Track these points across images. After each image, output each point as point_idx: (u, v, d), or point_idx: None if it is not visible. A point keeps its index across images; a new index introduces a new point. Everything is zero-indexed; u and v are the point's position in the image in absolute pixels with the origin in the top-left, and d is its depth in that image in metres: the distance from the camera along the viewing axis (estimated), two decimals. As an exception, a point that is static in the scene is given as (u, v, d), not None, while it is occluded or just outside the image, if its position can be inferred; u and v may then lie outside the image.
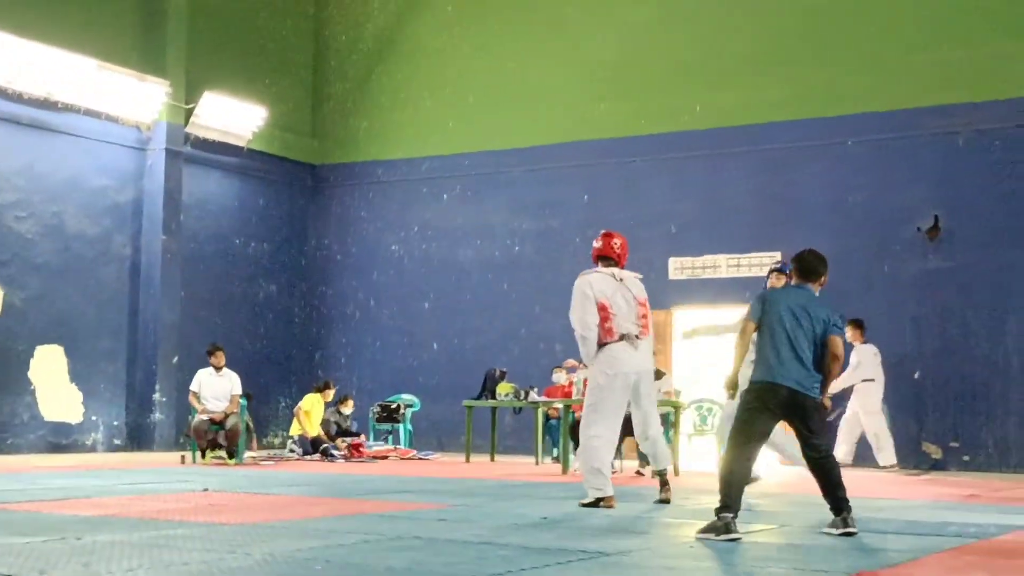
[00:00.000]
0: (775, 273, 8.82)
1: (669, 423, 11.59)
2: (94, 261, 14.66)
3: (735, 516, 5.51)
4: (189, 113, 15.49)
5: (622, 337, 7.20)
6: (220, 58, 16.31)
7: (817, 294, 6.03)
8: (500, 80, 16.31)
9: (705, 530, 5.48)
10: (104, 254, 14.81)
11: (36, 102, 13.89)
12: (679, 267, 14.72)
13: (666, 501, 7.40)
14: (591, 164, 15.57)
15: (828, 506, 5.81)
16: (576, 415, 12.02)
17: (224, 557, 4.46)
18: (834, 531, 5.66)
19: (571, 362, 13.56)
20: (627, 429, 11.42)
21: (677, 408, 11.75)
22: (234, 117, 16.02)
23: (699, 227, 14.66)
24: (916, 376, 13.33)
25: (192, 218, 15.78)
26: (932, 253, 13.41)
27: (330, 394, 13.90)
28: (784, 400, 5.74)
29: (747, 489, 6.44)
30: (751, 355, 6.14)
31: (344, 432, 14.00)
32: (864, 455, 12.87)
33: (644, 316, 7.37)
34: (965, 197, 13.30)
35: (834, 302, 15.06)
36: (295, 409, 14.00)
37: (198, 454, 12.28)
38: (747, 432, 5.79)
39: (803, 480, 10.75)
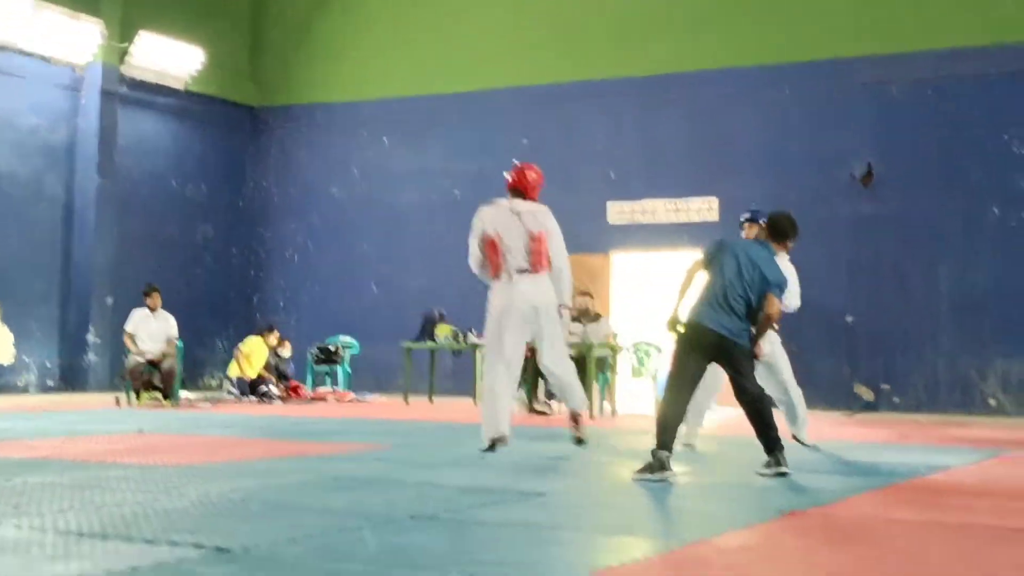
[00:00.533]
0: (748, 223, 8.48)
1: (608, 366, 11.70)
2: (26, 202, 14.34)
3: (670, 455, 5.55)
4: (124, 53, 15.11)
5: (512, 273, 6.88)
6: (157, -4, 15.89)
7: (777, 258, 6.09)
8: (441, 24, 16.12)
9: (641, 470, 5.51)
10: (37, 194, 14.49)
11: (-38, 37, 13.46)
12: (618, 212, 14.76)
13: (580, 441, 7.12)
14: (530, 109, 15.51)
15: (762, 447, 5.86)
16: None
17: (159, 498, 4.42)
18: (767, 471, 5.71)
19: None
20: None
21: (615, 351, 11.85)
22: (171, 58, 15.64)
23: (637, 172, 14.71)
24: (849, 320, 13.58)
25: (128, 159, 15.47)
26: (866, 199, 13.60)
27: (273, 337, 13.81)
28: (712, 343, 5.78)
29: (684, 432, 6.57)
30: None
31: (281, 375, 13.95)
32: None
33: (537, 251, 6.91)
34: (898, 145, 13.49)
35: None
36: (235, 350, 13.89)
37: (133, 396, 12.15)
38: (680, 373, 5.84)
39: (739, 423, 10.96)
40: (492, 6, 15.78)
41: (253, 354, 13.55)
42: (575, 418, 7.16)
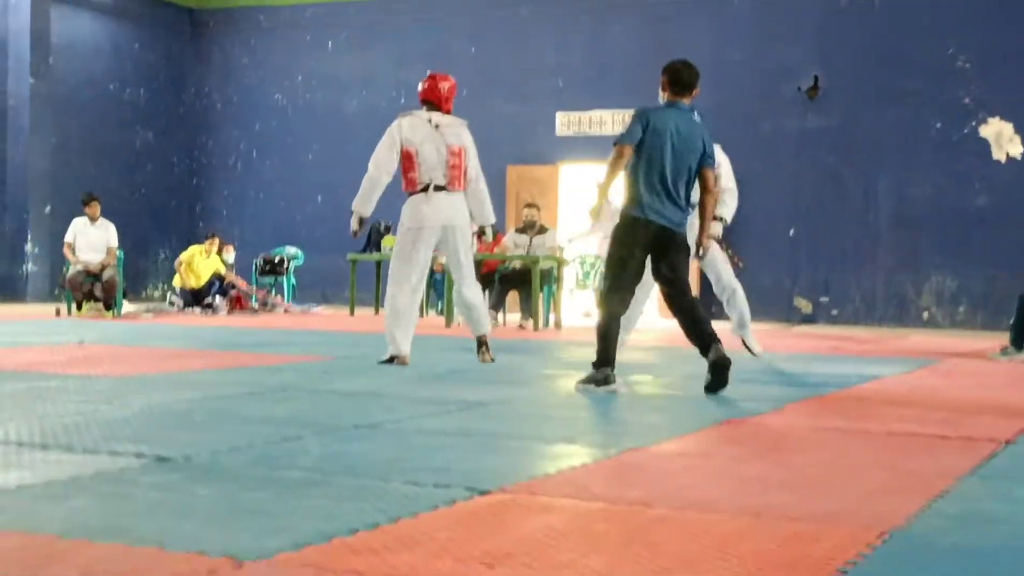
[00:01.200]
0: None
1: (553, 278, 11.78)
2: (-45, 105, 13.95)
3: (612, 370, 5.41)
4: (55, -53, 14.60)
5: (427, 187, 6.63)
6: None
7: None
8: (387, -77, 15.75)
9: (585, 381, 5.43)
10: (-35, 97, 14.09)
11: None
12: (566, 122, 14.71)
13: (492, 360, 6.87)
14: (477, 15, 15.30)
15: (698, 350, 5.45)
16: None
17: (100, 408, 4.42)
18: (713, 358, 5.29)
19: None
20: (509, 283, 11.66)
21: (560, 263, 11.92)
22: (104, -47, 15.16)
23: (585, 82, 14.63)
24: (791, 233, 13.76)
25: (62, 61, 15.05)
26: (811, 112, 13.68)
27: (213, 246, 13.65)
28: (652, 236, 5.35)
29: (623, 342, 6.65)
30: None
31: (223, 282, 13.80)
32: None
33: (455, 166, 6.69)
34: (844, 57, 13.54)
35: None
36: (176, 261, 13.74)
37: (74, 306, 12.02)
38: (619, 275, 5.42)
39: (676, 334, 11.13)
40: (439, -92, 15.44)
41: (194, 263, 13.41)
42: (483, 343, 6.90)
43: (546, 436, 4.10)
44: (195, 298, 13.30)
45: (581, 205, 15.26)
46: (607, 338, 5.45)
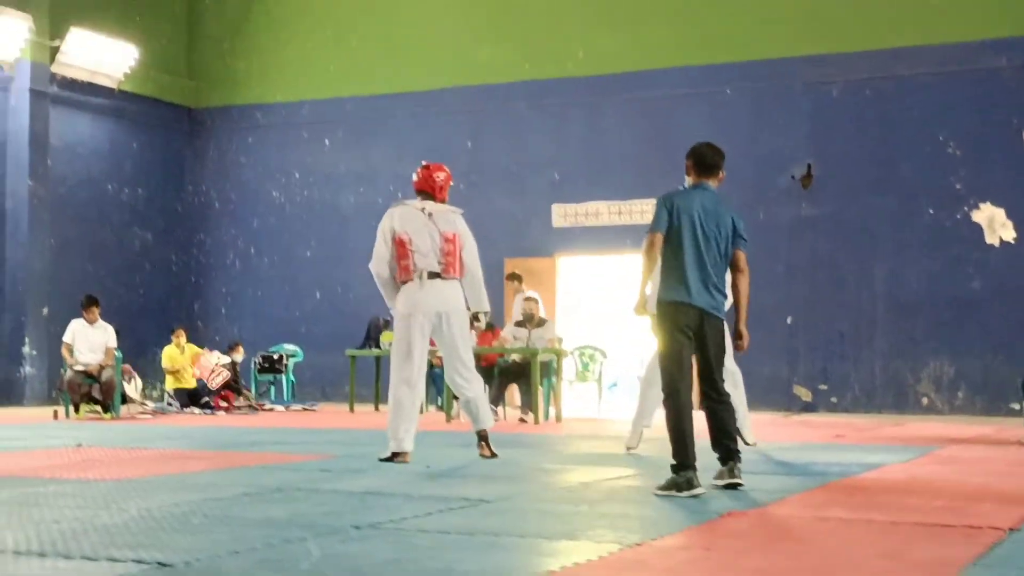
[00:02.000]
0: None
1: (552, 370, 11.75)
2: (-46, 207, 14.06)
3: (695, 469, 5.05)
4: (55, 51, 14.85)
5: (421, 275, 6.58)
6: (87, -9, 15.66)
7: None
8: (383, 22, 16.09)
9: (665, 487, 5.06)
10: (-34, 200, 14.20)
11: None
12: (562, 214, 14.85)
13: (493, 455, 6.76)
14: (474, 109, 15.54)
15: (716, 455, 5.33)
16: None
17: (98, 513, 4.37)
18: (719, 482, 5.27)
19: None
20: (509, 376, 11.63)
21: (559, 355, 11.91)
22: (104, 55, 15.41)
23: (582, 174, 14.80)
24: (788, 321, 13.78)
25: (61, 162, 15.22)
26: (805, 200, 13.82)
27: (181, 340, 13.48)
28: (695, 323, 5.22)
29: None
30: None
31: (233, 384, 13.70)
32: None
33: (449, 253, 6.64)
34: (837, 145, 13.73)
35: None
36: (164, 367, 13.61)
37: (71, 408, 11.95)
38: (675, 364, 5.19)
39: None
40: (436, 4, 15.80)
41: (175, 364, 13.31)
42: (484, 439, 6.79)
43: (549, 533, 4.06)
44: (191, 398, 13.23)
45: (578, 296, 15.35)
46: (682, 437, 5.11)
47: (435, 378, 13.30)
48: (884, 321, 13.42)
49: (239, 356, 13.96)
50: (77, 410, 11.89)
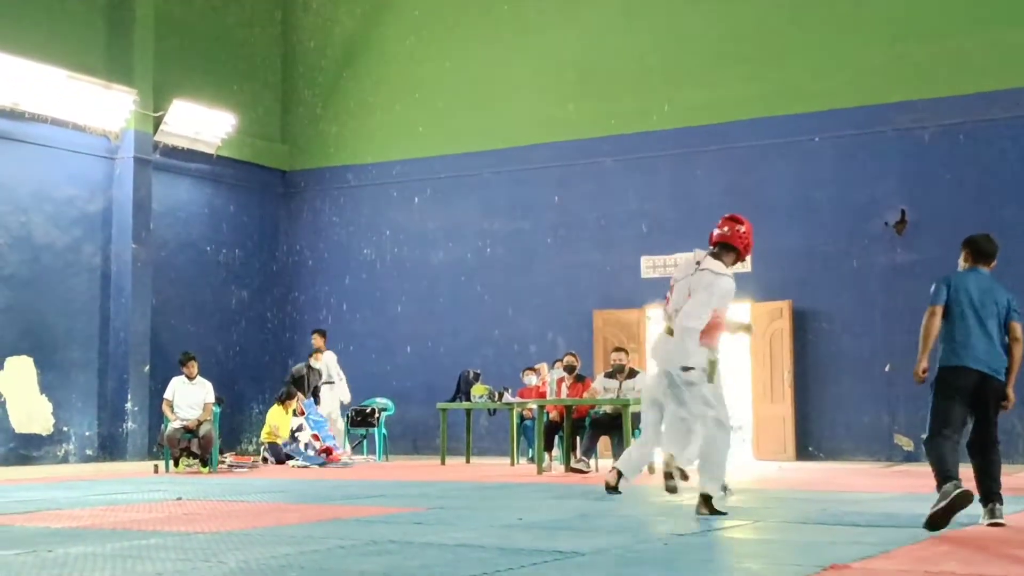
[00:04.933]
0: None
1: (643, 421, 11.61)
2: (63, 271, 14.54)
3: (959, 484, 5.70)
4: (158, 121, 15.40)
5: (668, 330, 6.80)
6: (188, 65, 16.22)
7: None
8: (468, 82, 16.32)
9: (945, 510, 5.66)
10: (73, 264, 14.69)
11: (3, 112, 13.77)
12: (651, 265, 14.78)
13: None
14: (561, 165, 15.62)
15: (978, 496, 5.93)
16: (550, 416, 12.08)
17: (198, 566, 4.44)
18: (983, 521, 5.85)
19: (541, 366, 13.61)
20: (600, 428, 11.53)
21: (651, 406, 11.74)
22: (203, 124, 15.93)
23: (670, 225, 14.73)
24: (887, 369, 13.44)
25: (162, 226, 15.69)
26: (900, 247, 13.54)
27: (292, 404, 13.76)
28: (974, 384, 5.97)
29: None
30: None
31: (316, 389, 14.29)
32: (844, 448, 12.98)
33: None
34: (931, 191, 13.44)
35: (804, 297, 15.12)
36: (268, 423, 13.85)
37: (171, 463, 12.20)
38: (944, 420, 5.98)
39: (778, 475, 10.84)
40: (520, 62, 15.96)
41: (279, 424, 13.56)
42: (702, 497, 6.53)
43: (645, 586, 3.99)
44: (287, 455, 13.41)
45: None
46: (944, 466, 5.90)
47: (526, 430, 13.28)
48: (988, 368, 12.98)
49: (317, 363, 14.57)
50: (177, 464, 12.13)
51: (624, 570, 4.45)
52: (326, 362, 14.77)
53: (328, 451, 13.66)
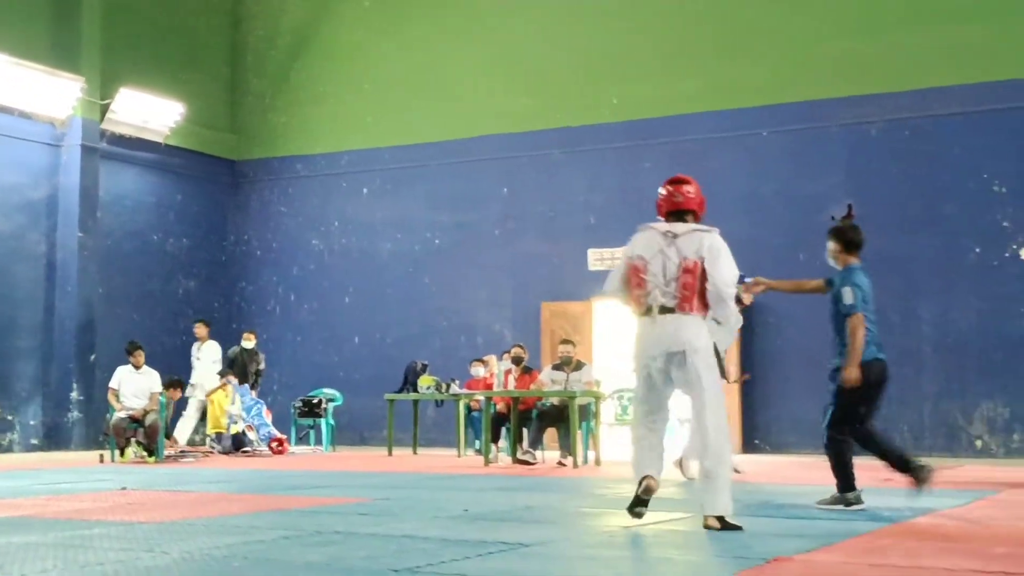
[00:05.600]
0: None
1: (591, 413, 11.71)
2: (8, 259, 14.34)
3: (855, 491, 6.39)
4: (105, 109, 15.22)
5: (648, 310, 5.69)
6: (136, 53, 16.03)
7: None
8: (418, 74, 16.29)
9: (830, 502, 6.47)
10: (18, 251, 14.48)
11: (-57, 97, 13.54)
12: (598, 258, 14.85)
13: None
14: (509, 157, 15.64)
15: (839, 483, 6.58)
16: (497, 407, 12.12)
17: (141, 556, 4.41)
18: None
19: (489, 358, 13.65)
20: (547, 420, 11.59)
21: (598, 398, 11.86)
22: (151, 113, 15.77)
23: (617, 218, 14.79)
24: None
25: (109, 215, 15.51)
26: (846, 242, 13.70)
27: (229, 387, 13.64)
28: (885, 375, 6.58)
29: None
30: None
31: (257, 373, 14.13)
32: (780, 441, 13.15)
33: (687, 285, 5.64)
34: (878, 186, 13.62)
35: (750, 291, 14.99)
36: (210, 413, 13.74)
37: (117, 452, 12.08)
38: (864, 416, 6.53)
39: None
40: (470, 55, 15.96)
41: (220, 409, 13.46)
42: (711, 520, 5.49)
43: (588, 576, 4.02)
44: (234, 443, 13.34)
45: (615, 339, 15.26)
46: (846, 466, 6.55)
47: (473, 421, 13.31)
48: (931, 362, 13.22)
49: (249, 343, 14.41)
50: (122, 454, 12.02)
51: (568, 561, 4.49)
52: (207, 352, 14.46)
53: (280, 442, 13.61)
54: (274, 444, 13.56)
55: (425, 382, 13.39)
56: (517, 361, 12.37)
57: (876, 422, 6.68)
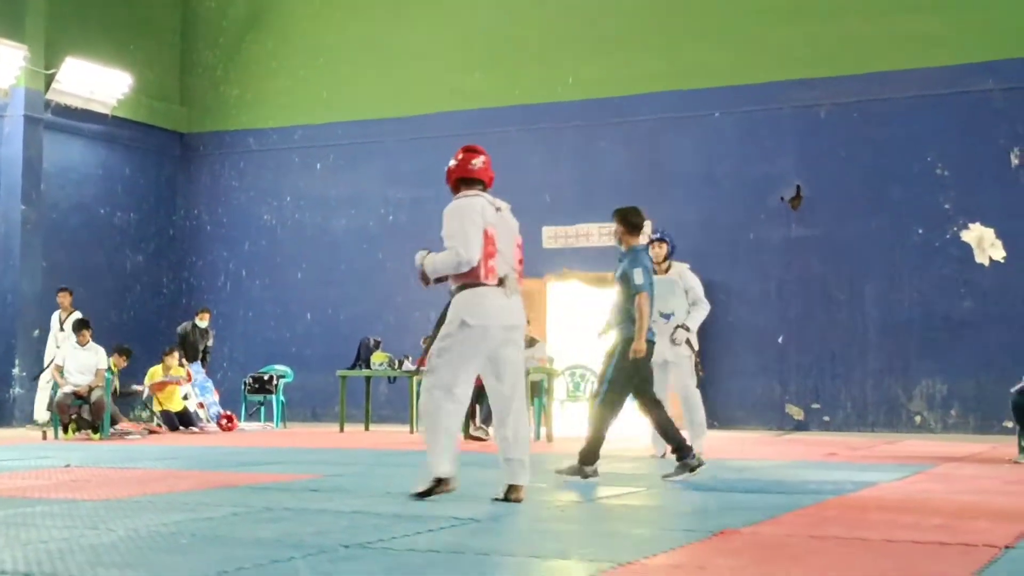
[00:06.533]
0: (657, 243, 8.94)
1: (543, 390, 11.74)
2: (-53, 231, 14.04)
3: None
4: (50, 79, 14.90)
5: (501, 281, 5.58)
6: (83, 22, 15.70)
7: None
8: (374, 49, 16.14)
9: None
10: (-42, 224, 14.19)
11: None
12: (552, 236, 14.86)
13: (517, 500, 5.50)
14: (465, 134, 15.45)
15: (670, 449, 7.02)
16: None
17: (85, 533, 4.35)
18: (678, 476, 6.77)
19: None
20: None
21: (551, 375, 11.89)
22: (98, 83, 15.44)
23: (573, 196, 14.83)
24: (780, 341, 13.78)
25: (54, 187, 15.23)
26: (795, 222, 13.86)
27: (172, 360, 13.46)
28: (651, 353, 6.99)
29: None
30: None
31: (205, 351, 14.10)
32: (732, 416, 13.30)
33: (520, 260, 5.83)
34: (826, 168, 13.78)
35: (703, 269, 15.43)
36: (148, 388, 13.52)
37: (61, 430, 11.90)
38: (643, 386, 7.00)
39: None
40: (427, 30, 15.84)
41: (159, 386, 13.28)
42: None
43: (539, 552, 4.04)
44: (181, 420, 13.20)
45: (568, 317, 15.32)
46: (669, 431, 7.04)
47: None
48: (876, 340, 13.43)
49: (203, 322, 14.46)
50: (66, 431, 11.85)
51: (519, 535, 4.50)
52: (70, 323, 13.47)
53: (229, 418, 13.50)
54: (223, 421, 13.46)
55: (378, 359, 13.34)
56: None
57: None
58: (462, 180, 5.99)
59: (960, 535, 4.36)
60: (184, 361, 13.71)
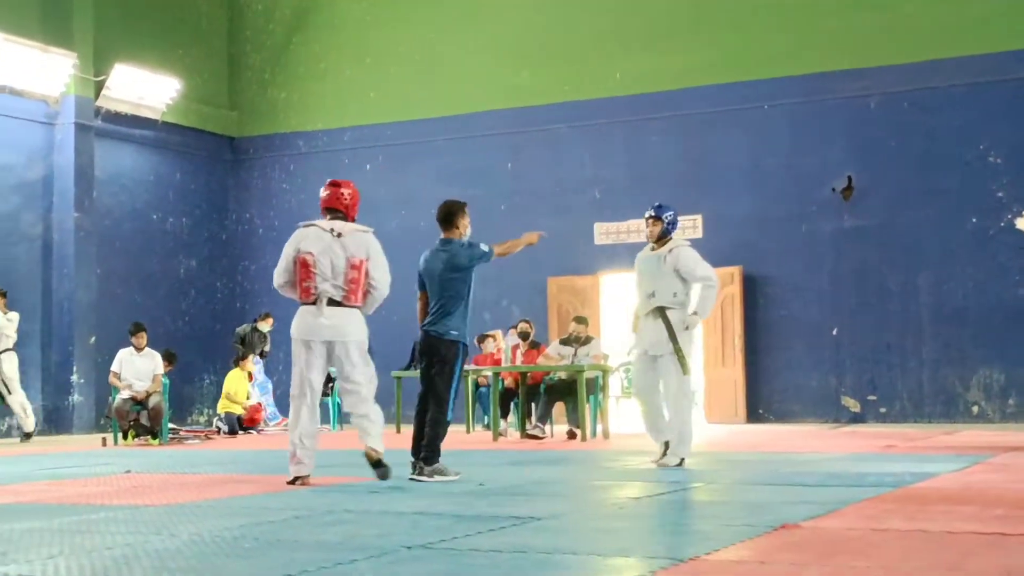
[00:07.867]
0: (651, 220, 8.32)
1: (598, 387, 11.70)
2: (3, 240, 14.28)
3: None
4: (100, 86, 15.10)
5: (316, 300, 6.53)
6: (131, 28, 15.90)
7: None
8: (421, 49, 16.18)
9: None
10: (13, 233, 14.42)
11: (-63, 78, 13.44)
12: (604, 232, 14.81)
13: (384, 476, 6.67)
14: (514, 132, 15.56)
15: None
16: (505, 382, 12.11)
17: (149, 539, 4.39)
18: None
19: (496, 333, 13.62)
20: (555, 394, 11.58)
21: (605, 372, 11.85)
22: (147, 89, 15.64)
23: (623, 192, 14.77)
24: (834, 333, 13.64)
25: (106, 194, 15.43)
26: (847, 213, 13.70)
27: (248, 363, 13.69)
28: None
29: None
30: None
31: (263, 354, 14.26)
32: (782, 410, 13.17)
33: (354, 280, 6.61)
34: (877, 157, 13.61)
35: (754, 263, 15.31)
36: (225, 390, 13.76)
37: (120, 435, 12.05)
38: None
39: (730, 438, 10.98)
40: (474, 29, 15.86)
41: (237, 390, 13.48)
42: (376, 460, 6.70)
43: (602, 550, 4.02)
44: (241, 424, 13.34)
45: (623, 313, 15.26)
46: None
47: (481, 397, 13.30)
48: (930, 330, 13.24)
49: (266, 326, 14.58)
50: (125, 437, 11.98)
51: (580, 534, 4.48)
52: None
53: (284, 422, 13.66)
54: (282, 424, 13.57)
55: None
56: (524, 336, 12.35)
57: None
58: (326, 209, 7.03)
59: (1022, 525, 4.28)
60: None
